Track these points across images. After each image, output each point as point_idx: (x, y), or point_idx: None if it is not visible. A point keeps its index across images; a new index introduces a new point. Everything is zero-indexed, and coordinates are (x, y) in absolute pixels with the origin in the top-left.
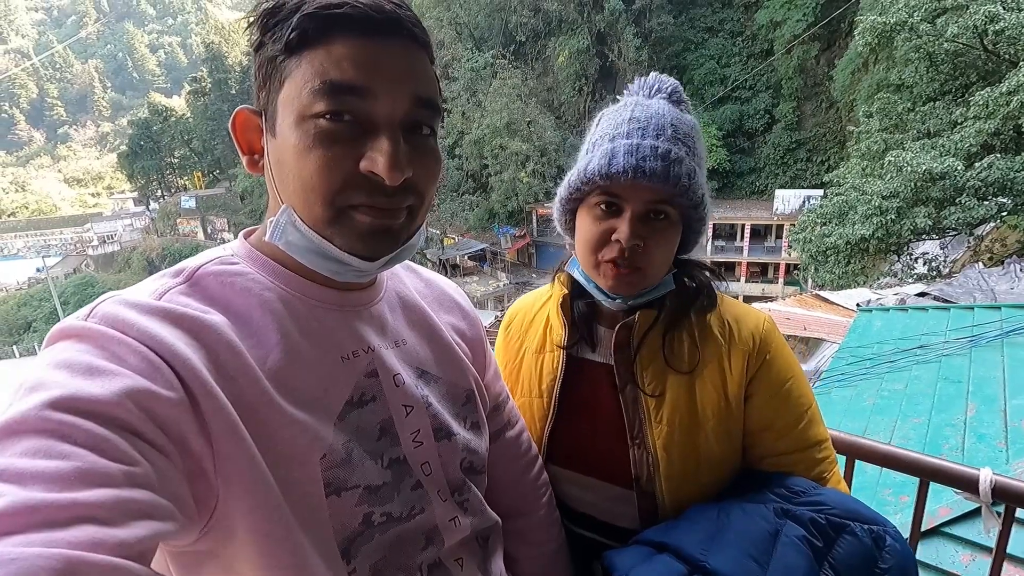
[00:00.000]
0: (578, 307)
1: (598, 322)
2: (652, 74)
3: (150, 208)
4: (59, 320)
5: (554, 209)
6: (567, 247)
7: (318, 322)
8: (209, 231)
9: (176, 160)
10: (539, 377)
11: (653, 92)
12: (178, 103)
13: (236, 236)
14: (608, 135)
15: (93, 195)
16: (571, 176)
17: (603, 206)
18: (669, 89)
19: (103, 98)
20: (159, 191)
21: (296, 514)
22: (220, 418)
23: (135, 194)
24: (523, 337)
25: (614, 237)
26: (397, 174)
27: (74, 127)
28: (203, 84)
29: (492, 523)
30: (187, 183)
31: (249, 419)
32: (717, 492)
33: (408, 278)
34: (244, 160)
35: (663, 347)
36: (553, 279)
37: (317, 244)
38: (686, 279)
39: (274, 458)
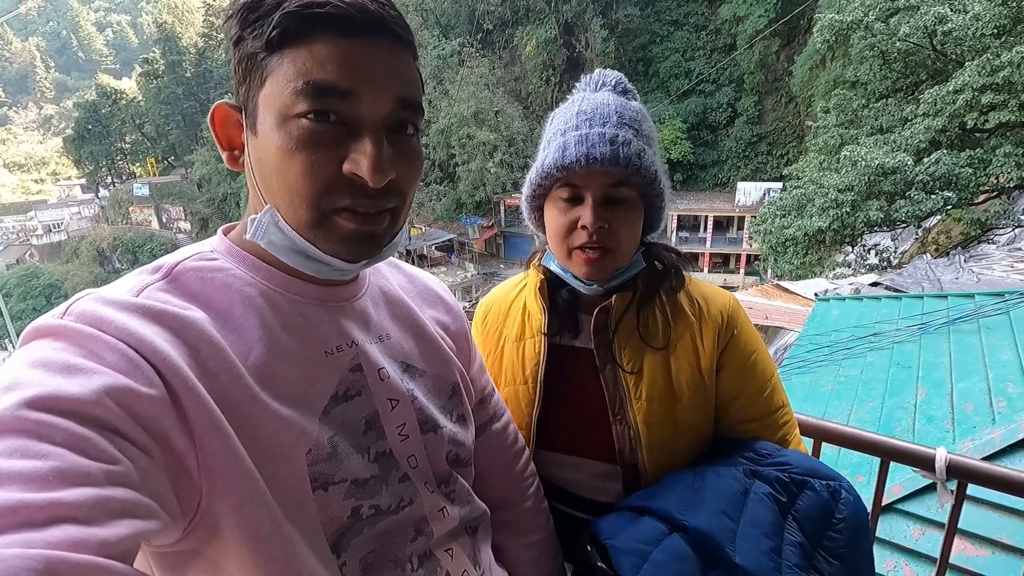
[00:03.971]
0: (561, 296)
1: (579, 310)
2: (597, 71)
3: (100, 196)
4: None
5: (523, 208)
6: (536, 241)
7: (301, 317)
8: (164, 220)
9: (127, 145)
10: (522, 364)
11: (599, 87)
12: (128, 85)
13: (192, 225)
14: (560, 130)
15: (36, 181)
16: (531, 174)
17: (565, 197)
18: (613, 81)
19: (46, 78)
20: (109, 178)
21: (283, 509)
22: (202, 415)
23: (83, 181)
24: (501, 327)
25: (580, 223)
26: (380, 176)
27: (14, 109)
28: (155, 66)
29: (480, 513)
30: (140, 170)
31: (232, 415)
32: (693, 459)
33: (391, 273)
34: (224, 156)
35: (638, 325)
36: (527, 267)
37: (300, 245)
38: (655, 261)
39: (259, 454)
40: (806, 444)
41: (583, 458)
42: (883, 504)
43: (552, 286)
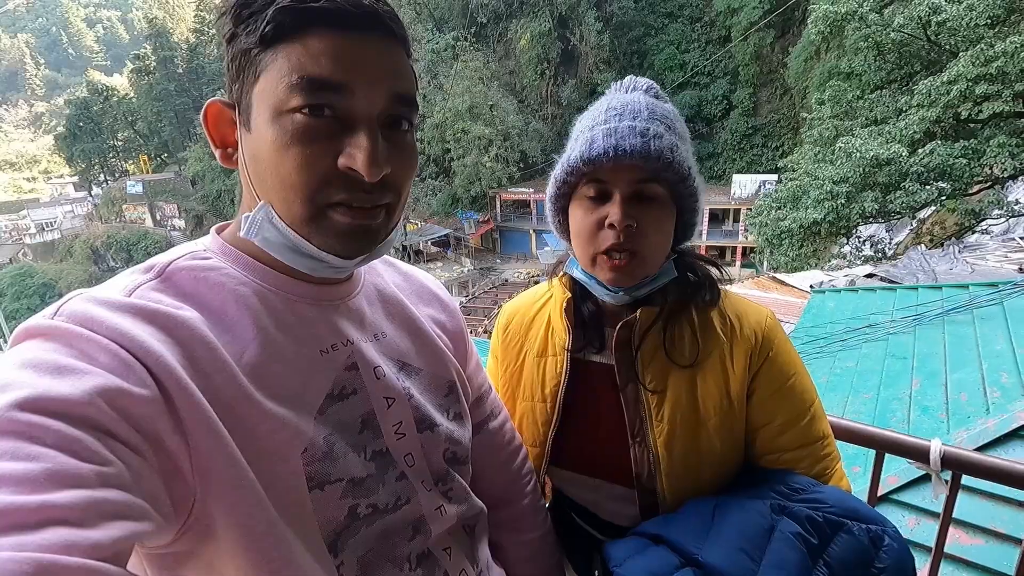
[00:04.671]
0: (586, 308)
1: (604, 323)
2: (628, 77)
3: (93, 194)
4: None
5: (546, 211)
6: (532, 235)
7: (295, 316)
8: (158, 217)
9: (120, 143)
10: (542, 382)
11: (630, 90)
12: (120, 82)
13: (187, 222)
14: (588, 126)
15: (28, 179)
16: (556, 171)
17: (591, 195)
18: (645, 86)
19: (36, 76)
20: (102, 175)
21: (279, 509)
22: (196, 415)
23: (76, 179)
24: (523, 340)
25: (607, 222)
26: (376, 170)
27: (4, 107)
28: (147, 62)
29: (478, 511)
30: (132, 167)
31: (226, 415)
32: (718, 488)
33: (386, 272)
34: (217, 154)
35: (664, 340)
36: (550, 276)
37: (294, 242)
38: (688, 272)
39: (254, 454)
40: None
41: (600, 480)
42: (881, 495)
43: (577, 299)
